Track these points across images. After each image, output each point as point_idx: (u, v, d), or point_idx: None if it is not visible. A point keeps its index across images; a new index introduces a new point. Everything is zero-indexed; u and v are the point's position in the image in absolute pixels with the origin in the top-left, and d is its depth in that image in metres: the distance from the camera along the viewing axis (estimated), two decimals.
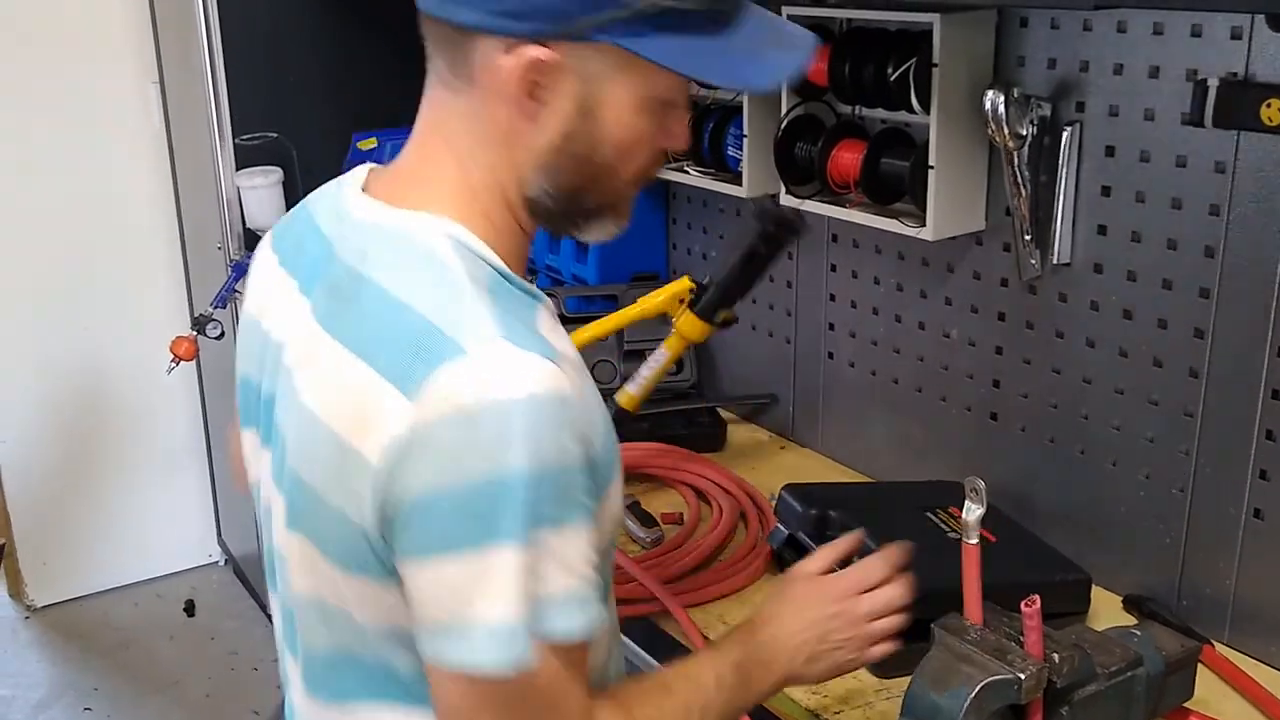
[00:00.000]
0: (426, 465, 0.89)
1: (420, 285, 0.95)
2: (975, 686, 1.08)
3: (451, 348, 0.90)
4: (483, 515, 0.88)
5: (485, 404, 0.88)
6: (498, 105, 0.97)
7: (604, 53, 0.95)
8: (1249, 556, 1.44)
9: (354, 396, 0.93)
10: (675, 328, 1.73)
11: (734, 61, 0.99)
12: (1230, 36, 1.35)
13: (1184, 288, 1.45)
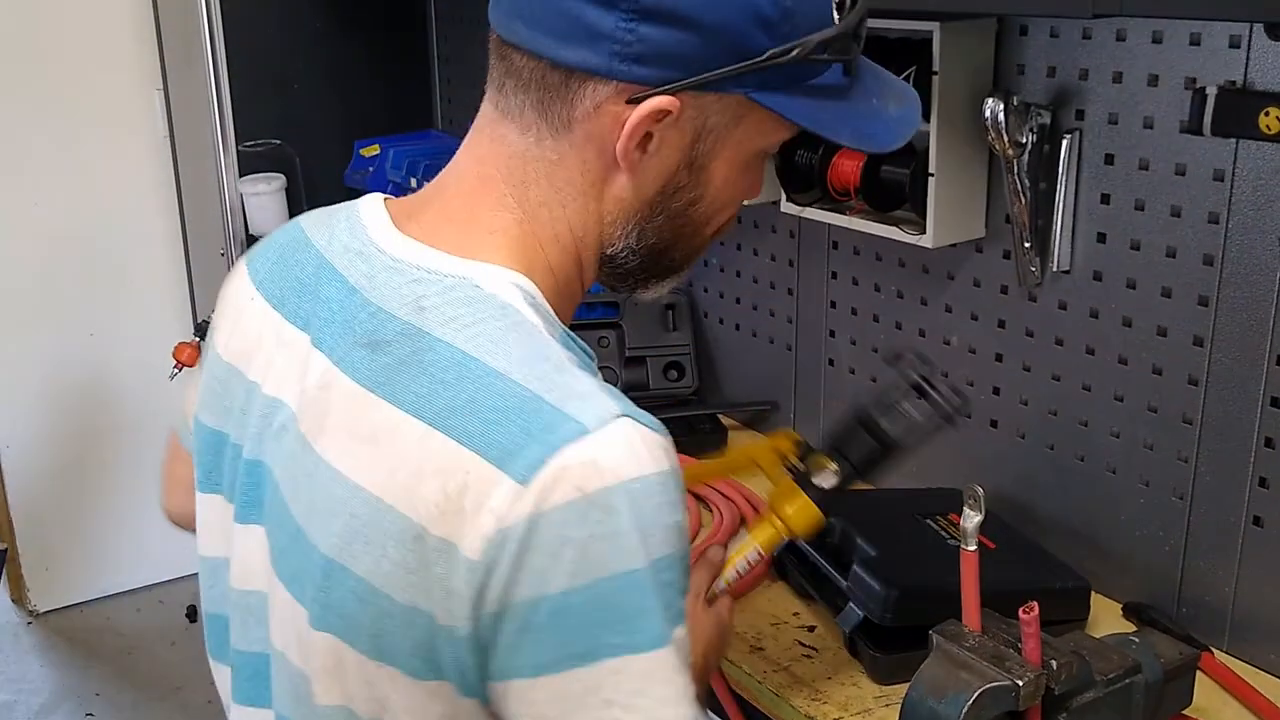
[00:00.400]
0: (557, 563, 0.78)
1: (506, 347, 0.84)
2: (973, 693, 1.08)
3: (569, 425, 0.79)
4: (623, 618, 0.80)
5: (616, 488, 0.79)
6: (593, 155, 0.90)
7: (727, 105, 0.89)
8: (1248, 564, 1.45)
9: (435, 478, 0.80)
10: (777, 512, 1.30)
11: (858, 118, 0.94)
12: (1229, 45, 1.35)
13: (1183, 296, 1.45)
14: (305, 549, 0.87)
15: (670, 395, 2.18)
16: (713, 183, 0.93)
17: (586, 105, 0.88)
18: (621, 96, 0.87)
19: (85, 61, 3.12)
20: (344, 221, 0.96)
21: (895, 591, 1.39)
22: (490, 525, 0.78)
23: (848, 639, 1.48)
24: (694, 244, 0.98)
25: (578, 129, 0.89)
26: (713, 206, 0.95)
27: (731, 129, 0.90)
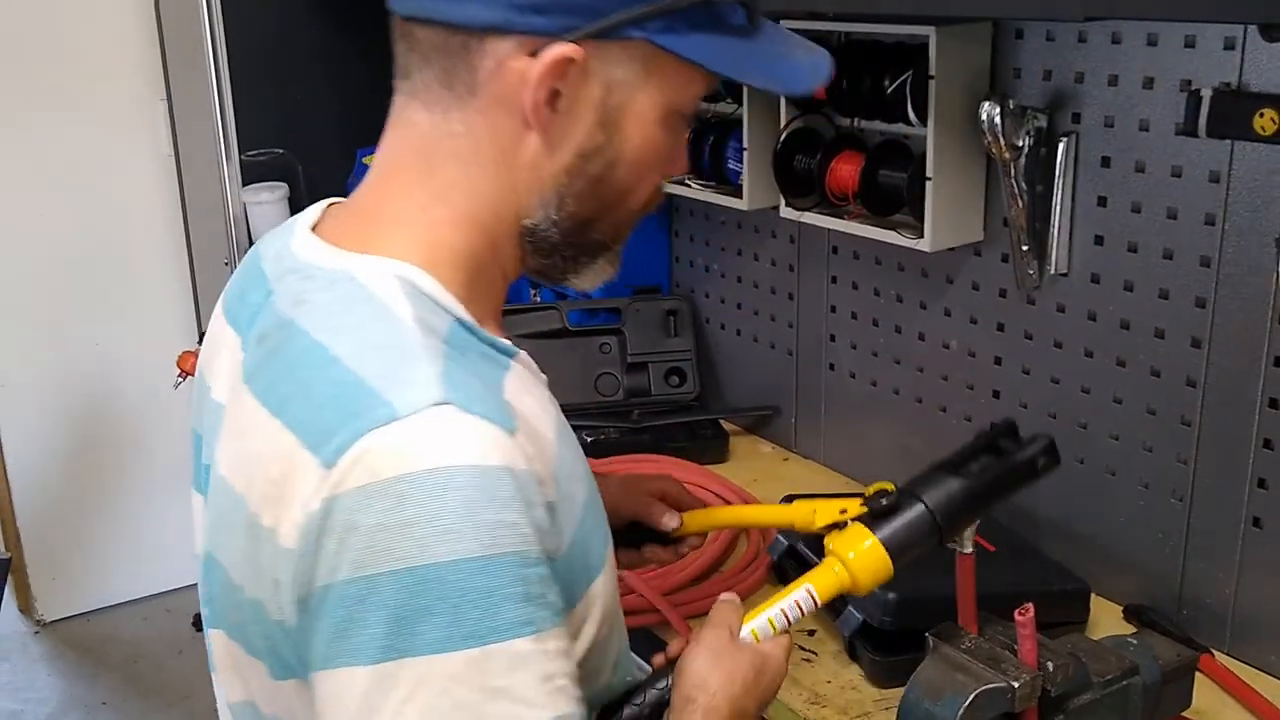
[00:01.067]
0: (342, 550, 0.75)
1: (356, 335, 0.82)
2: (969, 695, 1.08)
3: (381, 410, 0.77)
4: (398, 618, 0.74)
5: (415, 477, 0.75)
6: (503, 119, 0.87)
7: (633, 54, 0.87)
8: (1248, 566, 1.44)
9: (269, 466, 0.80)
10: (841, 556, 1.09)
11: (768, 63, 0.92)
12: (1224, 47, 1.35)
13: (1180, 297, 1.45)
14: (205, 547, 0.88)
15: (672, 401, 2.18)
16: (630, 141, 0.90)
17: (489, 65, 0.86)
18: (523, 50, 0.85)
19: (90, 74, 3.14)
20: (285, 229, 0.97)
21: (894, 595, 1.39)
22: (300, 512, 0.77)
23: (847, 643, 1.48)
24: (619, 216, 0.95)
25: (483, 93, 0.87)
26: (633, 170, 0.91)
27: (642, 82, 0.88)
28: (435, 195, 0.90)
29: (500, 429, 0.79)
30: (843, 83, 1.70)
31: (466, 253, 0.90)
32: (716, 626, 1.03)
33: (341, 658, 0.76)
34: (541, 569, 0.79)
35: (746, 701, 0.99)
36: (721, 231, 2.17)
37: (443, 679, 0.75)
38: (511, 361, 0.89)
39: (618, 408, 2.17)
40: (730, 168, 1.94)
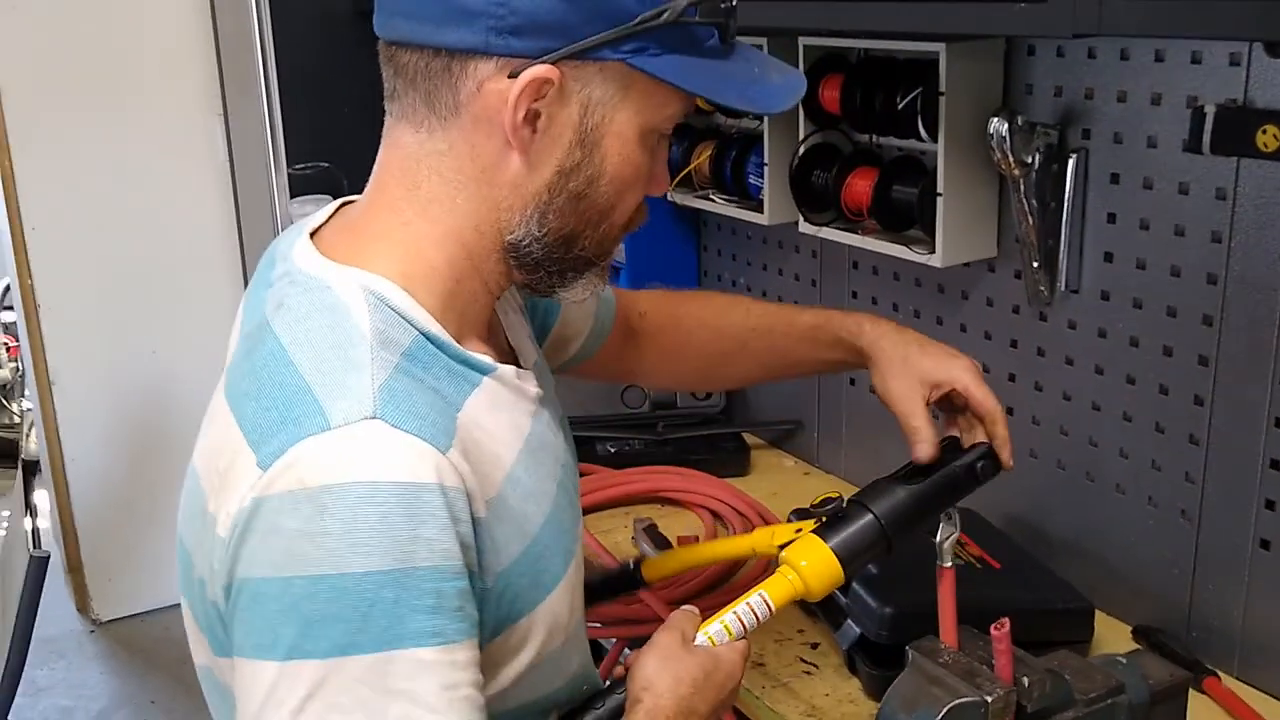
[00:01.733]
0: (264, 550, 0.80)
1: (313, 343, 0.86)
2: (941, 709, 1.08)
3: (317, 419, 0.81)
4: (309, 620, 0.78)
5: (336, 487, 0.78)
6: (484, 138, 0.90)
7: (609, 75, 0.90)
8: (1256, 588, 1.42)
9: (219, 458, 0.86)
10: (793, 564, 1.14)
11: (741, 84, 0.95)
12: (1229, 63, 1.34)
13: (1187, 315, 1.44)
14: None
15: (697, 413, 2.19)
16: (609, 159, 0.93)
17: (470, 86, 0.89)
18: (503, 73, 0.88)
19: (153, 90, 3.23)
20: (296, 228, 1.01)
21: (890, 609, 1.39)
22: (234, 504, 0.82)
23: (846, 656, 1.48)
24: (602, 232, 0.97)
25: (465, 113, 0.90)
26: (613, 187, 0.94)
27: (620, 101, 0.91)
28: (418, 211, 0.93)
29: (430, 446, 0.82)
30: (857, 98, 1.70)
31: (445, 268, 0.94)
32: (669, 630, 1.05)
33: (256, 650, 0.81)
34: (459, 583, 0.82)
35: (695, 702, 1.01)
36: (747, 246, 2.18)
37: (346, 679, 0.79)
38: (484, 378, 0.92)
39: (643, 420, 2.18)
40: (751, 182, 1.96)
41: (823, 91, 1.75)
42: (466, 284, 0.95)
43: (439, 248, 0.93)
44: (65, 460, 3.36)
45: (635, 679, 1.01)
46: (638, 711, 0.99)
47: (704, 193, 2.06)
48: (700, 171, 2.05)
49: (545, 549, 0.94)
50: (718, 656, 1.05)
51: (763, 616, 1.11)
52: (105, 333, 3.33)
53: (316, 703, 0.78)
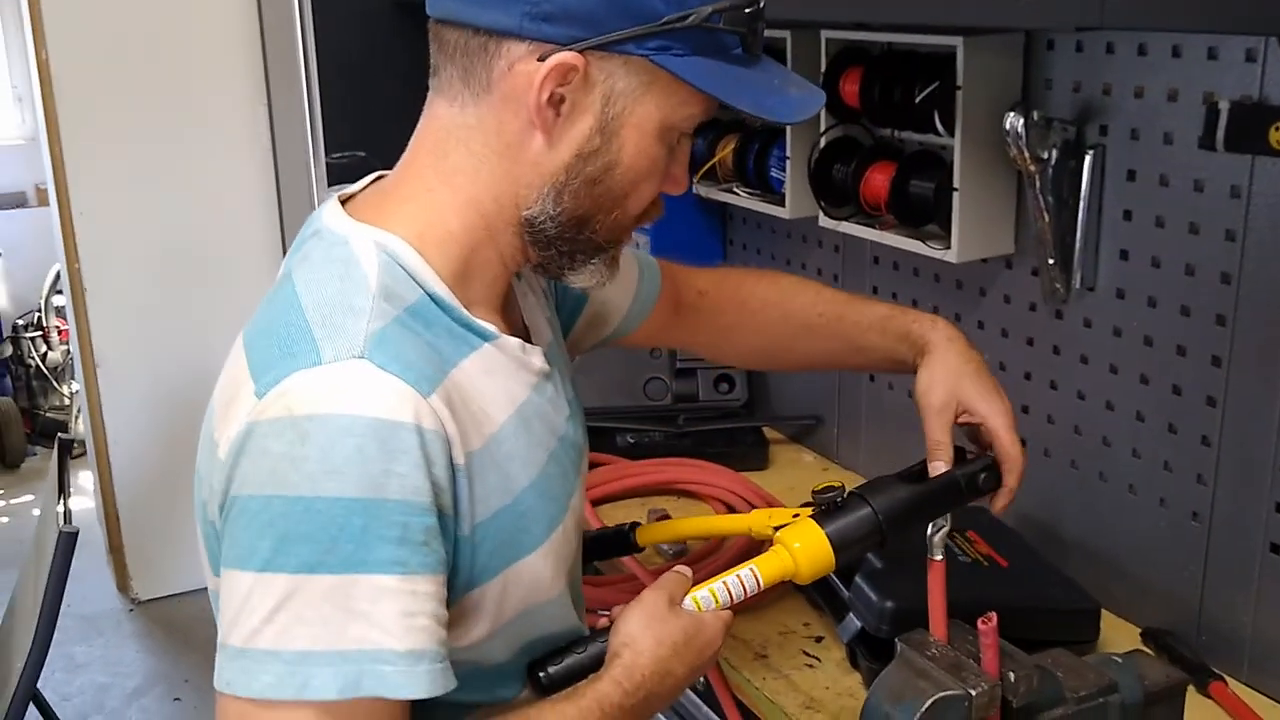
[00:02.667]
0: (254, 470, 0.86)
1: (322, 289, 0.93)
2: (925, 701, 1.08)
3: (310, 355, 0.88)
4: (284, 537, 0.84)
5: (318, 417, 0.85)
6: (511, 116, 0.95)
7: (633, 69, 0.94)
8: (1266, 593, 1.40)
9: (228, 389, 0.93)
10: (787, 544, 1.16)
11: (759, 92, 0.99)
12: (1245, 59, 1.33)
13: (1201, 314, 1.42)
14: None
15: (720, 407, 2.20)
16: (626, 149, 0.97)
17: (502, 65, 0.94)
18: (533, 56, 0.93)
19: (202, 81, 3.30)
20: (329, 200, 1.06)
21: (891, 604, 1.39)
22: (233, 429, 0.88)
23: (848, 650, 1.48)
24: (615, 219, 1.01)
25: (495, 91, 0.95)
26: (628, 177, 0.98)
27: (641, 96, 0.95)
28: (443, 179, 0.99)
29: (411, 388, 0.88)
30: (875, 92, 1.70)
31: (461, 235, 0.99)
32: (657, 589, 1.09)
33: (237, 560, 0.87)
34: (426, 519, 0.88)
35: (673, 664, 1.05)
36: (772, 240, 2.18)
37: (312, 596, 0.85)
38: (485, 344, 0.97)
39: (665, 412, 2.19)
40: (773, 176, 1.96)
41: (843, 85, 1.74)
42: (481, 252, 1.00)
43: (458, 215, 0.99)
44: (109, 442, 3.43)
45: (618, 633, 1.05)
46: (615, 665, 1.03)
47: (728, 186, 2.07)
48: (724, 164, 2.05)
49: (528, 510, 0.98)
50: (701, 622, 1.09)
51: (750, 590, 1.13)
52: (149, 317, 3.39)
53: (284, 614, 0.85)
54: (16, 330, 4.90)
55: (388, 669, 0.85)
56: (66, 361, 4.83)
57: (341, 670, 0.84)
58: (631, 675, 1.02)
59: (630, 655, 1.03)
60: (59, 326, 4.85)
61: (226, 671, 0.87)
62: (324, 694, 0.84)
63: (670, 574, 1.13)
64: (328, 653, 0.85)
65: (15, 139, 5.24)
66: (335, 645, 0.85)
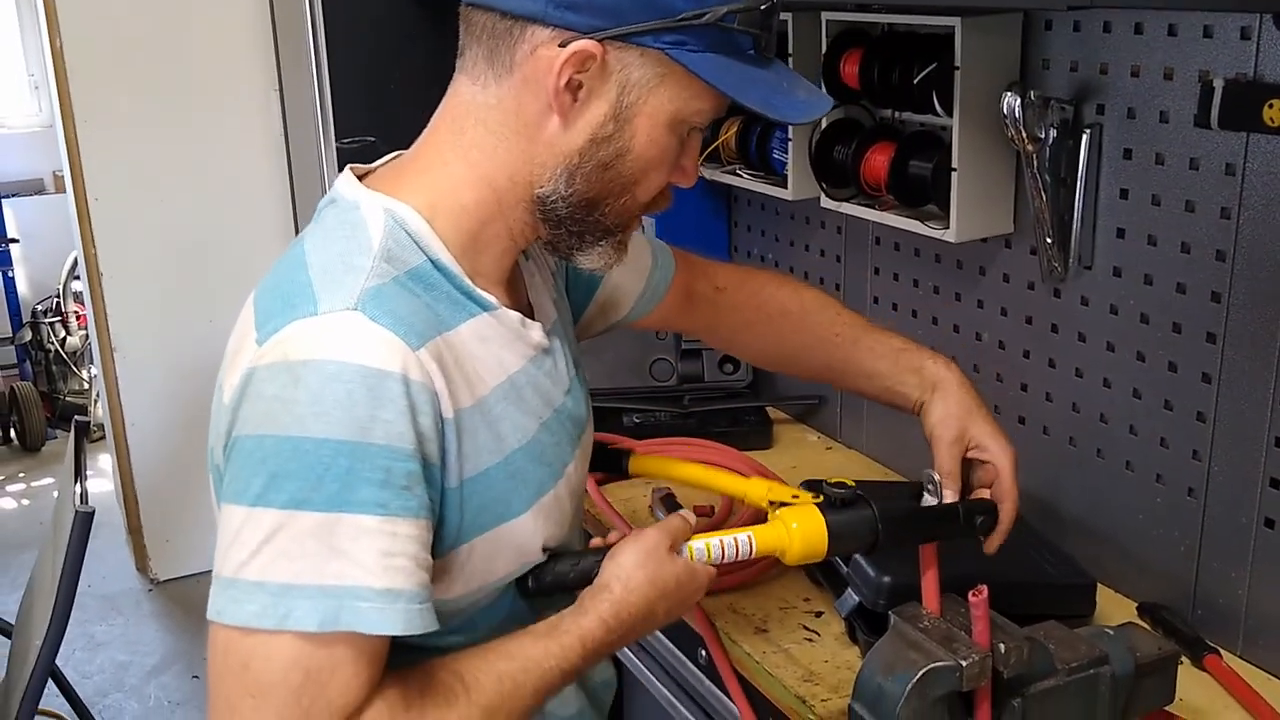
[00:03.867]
0: (251, 411, 0.92)
1: (327, 248, 0.98)
2: (917, 672, 1.10)
3: (308, 306, 0.93)
4: (274, 474, 0.89)
5: (311, 363, 0.90)
6: (530, 98, 0.99)
7: (649, 61, 0.98)
8: (1260, 568, 1.42)
9: (235, 339, 0.99)
10: (786, 523, 1.18)
11: (769, 92, 1.03)
12: (1240, 37, 1.33)
13: (1197, 291, 1.43)
14: None
15: (725, 387, 2.22)
16: (637, 137, 1.01)
17: (525, 49, 0.98)
18: (555, 41, 0.97)
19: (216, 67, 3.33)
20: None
21: (889, 579, 1.41)
22: (237, 376, 0.94)
23: (847, 624, 1.50)
24: (624, 204, 1.05)
25: (517, 73, 0.99)
26: (638, 164, 1.02)
27: (655, 87, 0.99)
28: (459, 155, 1.03)
29: (400, 340, 0.93)
30: (876, 73, 1.71)
31: (473, 208, 1.03)
32: (660, 530, 1.12)
33: (232, 495, 0.92)
34: (410, 465, 0.92)
35: (659, 605, 1.09)
36: (775, 221, 2.20)
37: (297, 531, 0.89)
38: (484, 313, 1.02)
39: (671, 392, 2.21)
40: (776, 157, 1.97)
41: (844, 67, 1.76)
42: (491, 226, 1.04)
43: (471, 189, 1.03)
44: (126, 425, 3.48)
45: (613, 566, 1.09)
46: (604, 601, 1.06)
47: (731, 168, 2.08)
48: (727, 147, 2.07)
49: (518, 471, 1.02)
50: (694, 571, 1.13)
51: (743, 555, 1.17)
52: (165, 301, 3.43)
53: (270, 547, 0.89)
54: (36, 315, 4.95)
55: (364, 605, 0.90)
56: (85, 346, 4.88)
57: (321, 604, 0.88)
58: (618, 614, 1.06)
59: (621, 591, 1.07)
60: (77, 312, 4.90)
61: (217, 600, 0.92)
62: (304, 625, 0.88)
63: (675, 517, 1.17)
64: (309, 586, 0.89)
65: (32, 126, 5.28)
66: (316, 580, 0.89)
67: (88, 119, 3.23)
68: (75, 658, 3.24)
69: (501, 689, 0.99)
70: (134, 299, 3.40)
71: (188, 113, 3.33)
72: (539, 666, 1.01)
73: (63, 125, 3.25)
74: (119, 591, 3.58)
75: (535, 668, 1.01)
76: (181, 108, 3.32)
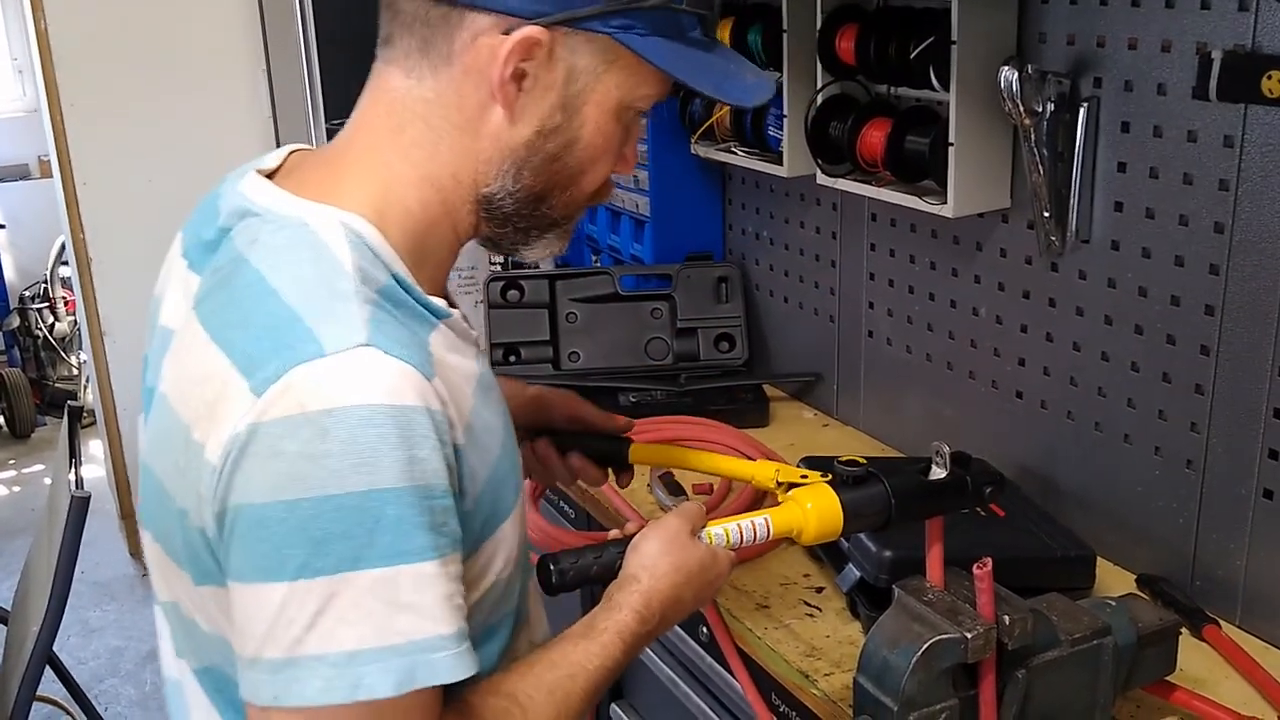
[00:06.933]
0: (264, 474, 0.82)
1: (296, 273, 0.88)
2: (922, 645, 1.10)
3: (311, 345, 0.83)
4: (318, 541, 0.81)
5: (336, 411, 0.81)
6: (471, 90, 0.93)
7: (596, 47, 0.94)
8: (1259, 538, 1.42)
9: (204, 387, 0.87)
10: (800, 504, 1.17)
11: (717, 76, 1.00)
12: (1238, 8, 1.33)
13: (1195, 264, 1.44)
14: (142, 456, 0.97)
15: (721, 366, 2.21)
16: (586, 126, 0.97)
17: (465, 37, 0.92)
18: (497, 29, 0.92)
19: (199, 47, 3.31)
20: (241, 171, 1.01)
21: (890, 553, 1.41)
22: (227, 431, 0.83)
23: (848, 599, 1.51)
24: (571, 196, 1.01)
25: (456, 63, 0.93)
26: (586, 154, 0.98)
27: (603, 74, 0.95)
28: (400, 154, 0.96)
29: (418, 372, 0.86)
30: (871, 49, 1.70)
31: (419, 212, 0.96)
32: (679, 516, 1.11)
33: (260, 573, 0.83)
34: (446, 500, 0.86)
35: (684, 591, 1.07)
36: (770, 199, 2.19)
37: (355, 593, 0.82)
38: (440, 323, 0.95)
39: (667, 371, 2.21)
40: (771, 135, 1.97)
41: (839, 42, 1.75)
42: (438, 229, 0.98)
43: (416, 191, 0.96)
44: (117, 410, 3.46)
45: (637, 556, 1.07)
46: (634, 590, 1.04)
47: (725, 145, 2.07)
48: (722, 124, 2.06)
49: (503, 477, 0.98)
50: (715, 555, 1.11)
51: (760, 538, 1.16)
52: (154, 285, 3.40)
53: (327, 617, 0.82)
54: (23, 301, 4.93)
55: (438, 656, 0.84)
56: (74, 332, 4.86)
57: (393, 664, 0.83)
58: (649, 603, 1.04)
59: (649, 579, 1.05)
60: (65, 297, 4.88)
61: (270, 686, 0.83)
62: (378, 691, 0.82)
63: (692, 504, 1.16)
64: (378, 649, 0.82)
65: (17, 111, 5.25)
66: (383, 641, 0.83)
67: (74, 103, 3.21)
68: (70, 644, 3.24)
69: (554, 701, 0.96)
70: (123, 283, 3.38)
71: (175, 95, 3.31)
72: (584, 670, 0.99)
73: (49, 110, 3.23)
74: (113, 577, 3.58)
75: (580, 672, 0.98)
76: (168, 90, 3.30)
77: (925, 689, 1.11)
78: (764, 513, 1.17)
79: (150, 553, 0.98)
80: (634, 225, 2.36)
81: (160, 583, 0.99)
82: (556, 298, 2.24)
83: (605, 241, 2.47)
